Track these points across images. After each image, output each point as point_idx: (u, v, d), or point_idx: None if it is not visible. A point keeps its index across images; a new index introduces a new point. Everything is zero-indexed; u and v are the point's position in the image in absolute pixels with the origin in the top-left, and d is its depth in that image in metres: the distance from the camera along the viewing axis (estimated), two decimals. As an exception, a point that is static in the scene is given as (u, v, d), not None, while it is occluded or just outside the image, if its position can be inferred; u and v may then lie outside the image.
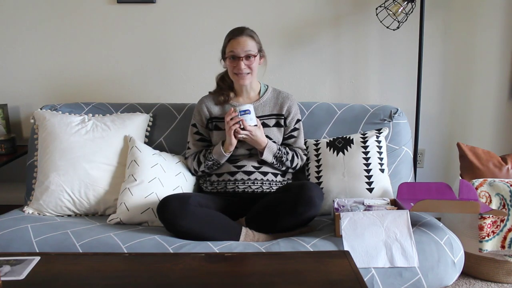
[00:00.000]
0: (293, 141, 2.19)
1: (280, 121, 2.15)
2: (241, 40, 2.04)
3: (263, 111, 2.15)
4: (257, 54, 2.08)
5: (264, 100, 2.17)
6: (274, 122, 2.15)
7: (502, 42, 2.63)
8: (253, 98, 2.18)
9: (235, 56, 2.04)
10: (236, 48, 2.04)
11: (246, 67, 2.05)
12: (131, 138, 2.22)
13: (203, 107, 2.17)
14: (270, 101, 2.17)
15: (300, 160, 2.17)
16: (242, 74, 2.06)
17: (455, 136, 2.74)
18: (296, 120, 2.19)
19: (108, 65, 2.73)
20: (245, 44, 2.04)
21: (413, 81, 2.55)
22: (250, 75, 2.08)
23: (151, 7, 2.67)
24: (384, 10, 2.40)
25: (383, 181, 2.13)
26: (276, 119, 2.15)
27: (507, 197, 2.08)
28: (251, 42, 2.06)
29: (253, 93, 2.19)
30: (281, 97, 2.19)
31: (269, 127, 2.14)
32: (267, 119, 2.14)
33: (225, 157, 2.07)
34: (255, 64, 2.07)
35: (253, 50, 2.06)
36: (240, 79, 2.08)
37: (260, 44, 2.12)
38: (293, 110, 2.18)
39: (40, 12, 2.67)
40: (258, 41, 2.10)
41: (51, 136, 2.22)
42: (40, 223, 1.98)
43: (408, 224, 1.79)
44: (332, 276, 1.37)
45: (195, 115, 2.21)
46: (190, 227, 1.82)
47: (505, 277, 2.17)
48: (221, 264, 1.47)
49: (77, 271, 1.42)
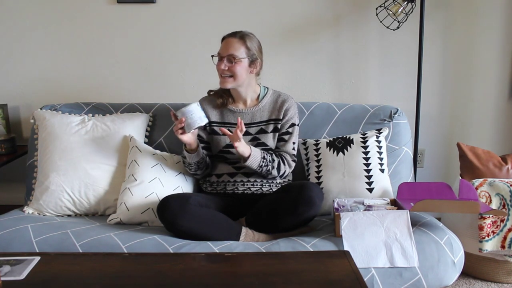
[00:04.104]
0: (282, 144, 2.09)
1: (277, 126, 2.09)
2: (229, 41, 2.00)
3: (261, 116, 2.09)
4: (242, 58, 1.98)
5: (263, 105, 2.10)
6: (272, 127, 2.09)
7: (502, 42, 2.63)
8: (251, 103, 2.12)
9: (219, 56, 2.00)
10: (221, 48, 2.01)
11: (226, 70, 1.98)
12: (131, 138, 2.22)
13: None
14: (269, 106, 2.11)
15: (288, 167, 2.07)
16: (222, 76, 2.00)
17: (455, 136, 2.74)
18: (291, 124, 2.09)
19: (108, 65, 2.73)
20: (230, 45, 1.98)
21: (413, 81, 2.55)
22: (232, 79, 1.99)
23: (151, 7, 2.67)
24: (384, 10, 2.40)
25: (383, 181, 2.13)
26: (274, 124, 2.09)
27: (507, 197, 2.08)
28: (238, 45, 1.98)
29: (252, 98, 2.12)
30: (279, 100, 2.11)
31: (266, 133, 2.08)
32: (265, 125, 2.09)
33: (190, 156, 2.01)
34: (238, 68, 1.98)
35: (237, 53, 1.97)
36: (221, 81, 2.01)
37: (255, 50, 2.02)
38: (290, 113, 2.09)
39: (40, 12, 2.67)
40: (250, 47, 2.00)
41: (51, 136, 2.22)
42: (40, 223, 1.98)
43: (408, 224, 1.79)
44: (332, 276, 1.37)
45: None
46: (190, 226, 1.82)
47: (505, 277, 2.17)
48: (221, 264, 1.47)
49: (77, 271, 1.42)
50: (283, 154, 2.08)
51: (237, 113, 2.09)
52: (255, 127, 2.08)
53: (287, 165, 2.07)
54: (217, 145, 2.09)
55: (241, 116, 2.07)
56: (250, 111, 2.09)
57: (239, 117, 2.02)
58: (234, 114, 2.10)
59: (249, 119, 2.08)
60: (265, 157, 2.00)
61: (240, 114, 2.08)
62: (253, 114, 2.07)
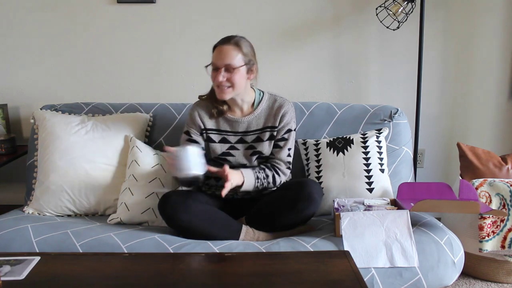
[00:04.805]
0: (276, 151, 2.01)
1: (273, 133, 2.00)
2: (223, 49, 1.87)
3: (257, 124, 2.00)
4: (240, 66, 1.88)
5: (259, 112, 2.01)
6: (268, 135, 2.00)
7: (502, 42, 2.63)
8: (247, 110, 2.02)
9: (215, 67, 1.90)
10: (216, 58, 1.89)
11: (225, 80, 1.88)
12: (131, 138, 2.22)
13: (196, 116, 2.02)
14: (265, 112, 2.01)
15: (283, 175, 2.01)
16: (221, 87, 1.89)
17: (455, 136, 2.74)
18: (287, 130, 2.01)
19: (108, 65, 2.73)
20: (226, 54, 1.86)
21: (413, 81, 2.55)
22: (231, 89, 1.89)
23: (151, 7, 2.67)
24: (384, 10, 2.40)
25: (383, 181, 2.13)
26: (270, 132, 2.00)
27: (507, 197, 2.08)
28: (235, 52, 1.87)
29: (247, 106, 2.01)
30: (275, 106, 2.01)
31: (262, 141, 2.00)
32: (261, 132, 2.01)
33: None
34: (237, 77, 1.88)
35: (235, 61, 1.87)
36: (219, 93, 1.91)
37: (250, 55, 1.92)
38: (286, 119, 1.99)
39: (40, 12, 2.67)
40: (246, 52, 1.90)
41: (51, 136, 2.22)
42: (40, 223, 1.98)
43: (408, 224, 1.79)
44: (332, 276, 1.37)
45: (188, 123, 2.05)
46: (191, 222, 1.82)
47: (505, 277, 2.17)
48: (221, 264, 1.47)
49: (77, 271, 1.42)
50: (277, 163, 2.01)
51: (233, 122, 2.00)
52: (251, 135, 2.01)
53: (282, 175, 2.01)
54: (214, 152, 2.03)
55: (237, 125, 2.00)
56: (246, 120, 2.00)
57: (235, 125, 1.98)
58: (230, 122, 2.01)
59: (245, 128, 2.00)
60: (258, 176, 1.94)
61: (236, 122, 2.01)
62: (249, 122, 2.00)
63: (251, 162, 2.02)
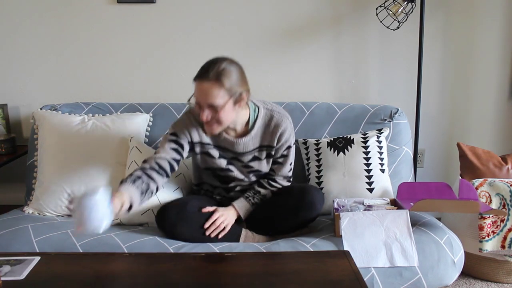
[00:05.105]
0: (277, 168, 1.96)
1: (271, 152, 1.93)
2: (204, 88, 1.70)
3: (254, 144, 1.91)
4: (225, 103, 1.71)
5: (255, 132, 1.89)
6: (265, 154, 1.93)
7: (502, 42, 2.63)
8: (241, 131, 1.90)
9: (198, 104, 1.75)
10: (197, 96, 1.73)
11: (211, 118, 1.74)
12: (131, 139, 2.21)
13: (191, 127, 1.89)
14: (261, 130, 1.90)
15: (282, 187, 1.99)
16: (208, 123, 1.77)
17: (455, 136, 2.74)
18: (286, 147, 1.93)
19: (108, 65, 2.73)
20: (207, 94, 1.69)
21: (413, 81, 2.55)
22: (218, 125, 1.77)
23: (151, 7, 2.67)
24: (384, 10, 2.40)
25: (383, 181, 2.13)
26: (266, 151, 1.93)
27: (507, 197, 2.08)
28: (216, 91, 1.69)
29: (241, 125, 1.89)
30: (272, 124, 1.89)
31: (260, 160, 1.94)
32: (258, 151, 1.93)
33: None
34: (223, 115, 1.73)
35: (218, 100, 1.70)
36: (208, 128, 1.79)
37: (236, 85, 1.73)
38: (284, 137, 1.90)
39: (40, 12, 2.67)
40: (229, 86, 1.70)
41: (51, 136, 2.22)
42: (40, 223, 1.98)
43: (408, 224, 1.79)
44: (332, 276, 1.37)
45: (181, 128, 1.88)
46: (190, 233, 1.82)
47: (505, 277, 2.17)
48: (221, 264, 1.47)
49: (77, 271, 1.42)
50: (275, 180, 1.98)
51: (229, 141, 1.90)
52: (248, 155, 1.93)
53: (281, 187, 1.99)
54: (210, 167, 1.96)
55: (232, 145, 1.90)
56: (242, 141, 1.89)
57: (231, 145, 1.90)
58: (226, 140, 1.91)
59: (242, 149, 1.91)
60: (255, 202, 1.94)
61: (232, 143, 1.90)
62: (245, 144, 1.90)
63: (249, 178, 1.99)
